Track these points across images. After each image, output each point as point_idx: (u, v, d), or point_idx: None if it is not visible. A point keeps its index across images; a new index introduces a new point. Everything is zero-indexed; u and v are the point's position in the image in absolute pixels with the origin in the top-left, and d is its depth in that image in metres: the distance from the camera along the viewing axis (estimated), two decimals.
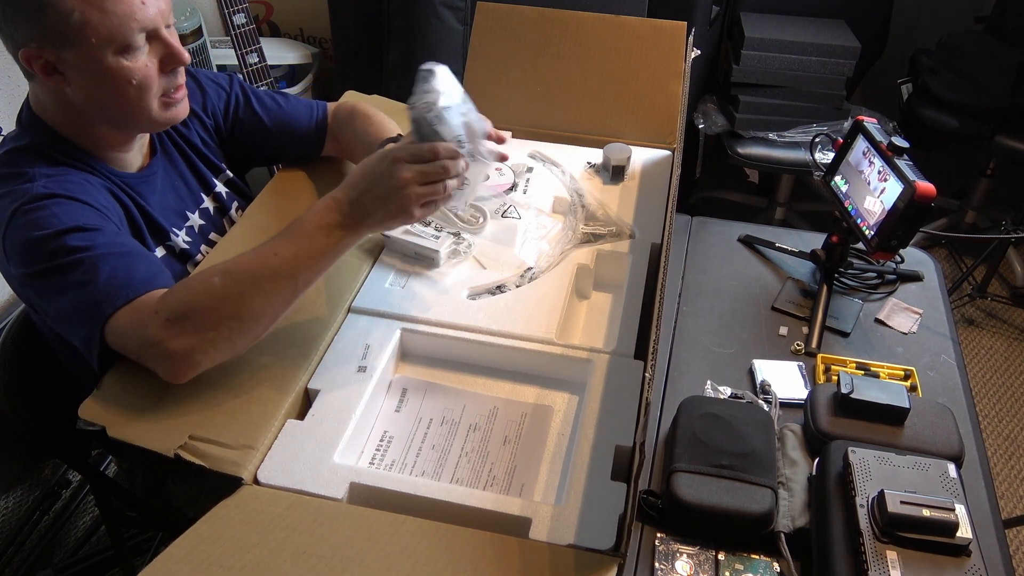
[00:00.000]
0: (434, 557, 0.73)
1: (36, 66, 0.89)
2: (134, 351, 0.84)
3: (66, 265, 0.85)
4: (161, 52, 0.93)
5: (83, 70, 0.89)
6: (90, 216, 0.89)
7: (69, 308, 0.85)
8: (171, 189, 1.09)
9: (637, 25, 1.37)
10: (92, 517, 1.76)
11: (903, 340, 1.15)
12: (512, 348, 0.98)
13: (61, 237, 0.85)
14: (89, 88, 0.91)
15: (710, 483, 0.86)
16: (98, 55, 0.87)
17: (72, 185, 0.92)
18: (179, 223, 1.09)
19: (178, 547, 0.72)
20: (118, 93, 0.91)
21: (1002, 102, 2.17)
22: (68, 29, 0.85)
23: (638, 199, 1.24)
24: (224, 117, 1.19)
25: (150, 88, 0.93)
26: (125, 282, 0.84)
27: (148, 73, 0.92)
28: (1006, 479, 1.94)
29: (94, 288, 0.83)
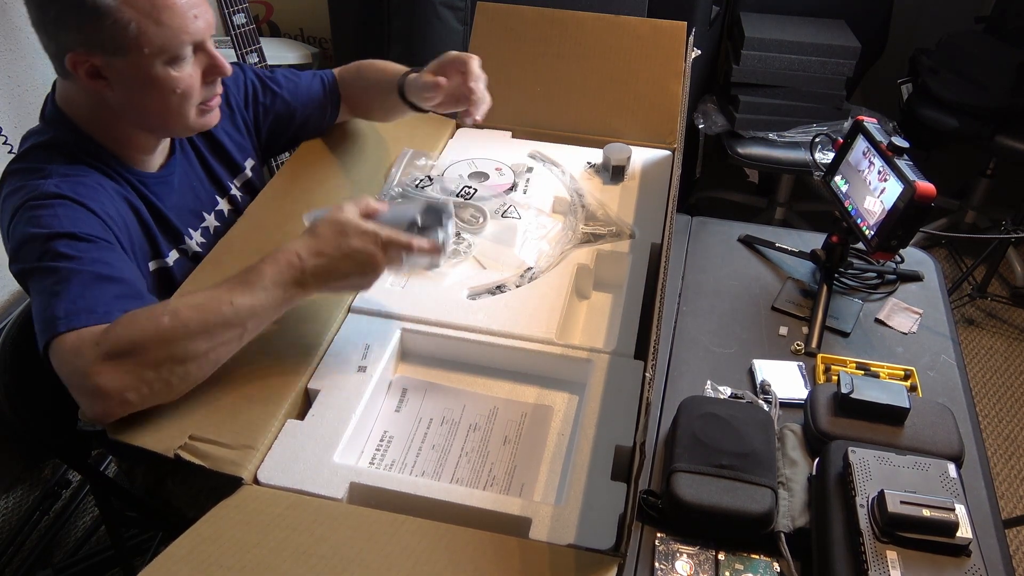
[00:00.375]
0: (434, 557, 0.73)
1: (81, 70, 0.89)
2: (66, 378, 0.80)
3: (47, 270, 0.84)
4: (205, 63, 0.95)
5: (130, 77, 0.90)
6: (91, 225, 0.89)
7: (36, 312, 0.84)
8: (188, 189, 1.09)
9: (637, 25, 1.37)
10: (92, 517, 1.76)
11: (903, 340, 1.15)
12: (512, 348, 0.98)
13: (52, 240, 0.85)
14: (132, 94, 0.92)
15: (710, 483, 0.86)
16: (148, 65, 0.89)
17: (84, 188, 0.92)
18: (195, 223, 1.09)
19: (178, 547, 0.72)
20: (161, 101, 0.93)
21: (1002, 102, 2.17)
22: (124, 39, 0.87)
23: (638, 199, 1.24)
24: (246, 105, 1.20)
25: (191, 97, 0.95)
26: (86, 307, 0.82)
27: (192, 83, 0.94)
28: (1006, 479, 1.94)
29: (58, 301, 0.82)
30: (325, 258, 0.85)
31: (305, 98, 1.24)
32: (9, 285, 1.73)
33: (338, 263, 0.85)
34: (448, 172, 1.25)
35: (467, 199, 1.17)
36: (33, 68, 1.71)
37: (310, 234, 0.86)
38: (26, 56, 1.69)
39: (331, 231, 0.85)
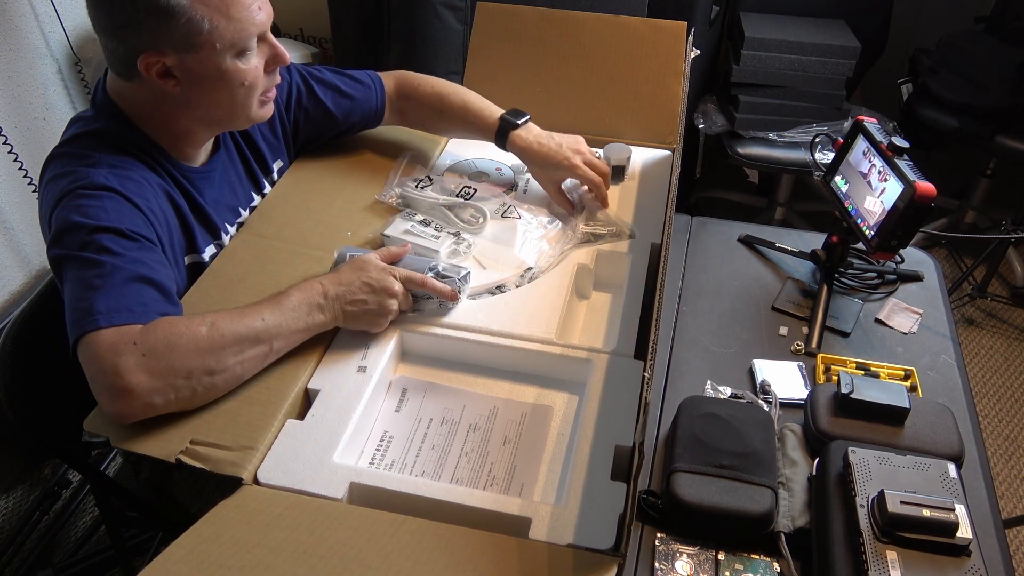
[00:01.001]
0: (434, 557, 0.73)
1: (153, 70, 0.91)
2: (94, 373, 0.81)
3: (88, 261, 0.85)
4: (267, 54, 0.98)
5: (201, 74, 0.92)
6: (136, 222, 0.90)
7: (71, 301, 0.84)
8: (227, 185, 1.10)
9: (637, 25, 1.37)
10: (92, 517, 1.76)
11: (903, 340, 1.15)
12: (512, 348, 0.98)
13: (98, 233, 0.86)
14: (200, 90, 0.94)
15: (710, 483, 0.86)
16: (219, 59, 0.91)
17: (131, 183, 0.93)
18: (232, 219, 1.10)
19: (178, 547, 0.72)
20: (229, 94, 0.95)
21: (1002, 102, 2.17)
22: (197, 36, 0.88)
23: (638, 199, 1.24)
24: (287, 108, 1.20)
25: (256, 88, 0.97)
26: (127, 306, 0.83)
27: (258, 75, 0.96)
28: (1006, 479, 1.94)
29: (98, 295, 0.83)
30: (344, 286, 0.93)
31: (349, 112, 1.23)
32: (9, 285, 1.73)
33: (356, 290, 0.93)
34: (448, 172, 1.25)
35: (467, 199, 1.17)
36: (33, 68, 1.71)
37: (334, 270, 0.97)
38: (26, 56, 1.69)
39: (352, 266, 0.96)
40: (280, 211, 1.15)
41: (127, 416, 0.81)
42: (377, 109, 1.25)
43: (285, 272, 1.03)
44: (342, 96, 1.22)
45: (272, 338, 0.87)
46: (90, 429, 0.83)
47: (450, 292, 0.99)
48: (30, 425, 1.08)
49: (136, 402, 0.80)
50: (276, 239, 1.10)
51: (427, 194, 1.17)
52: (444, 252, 1.09)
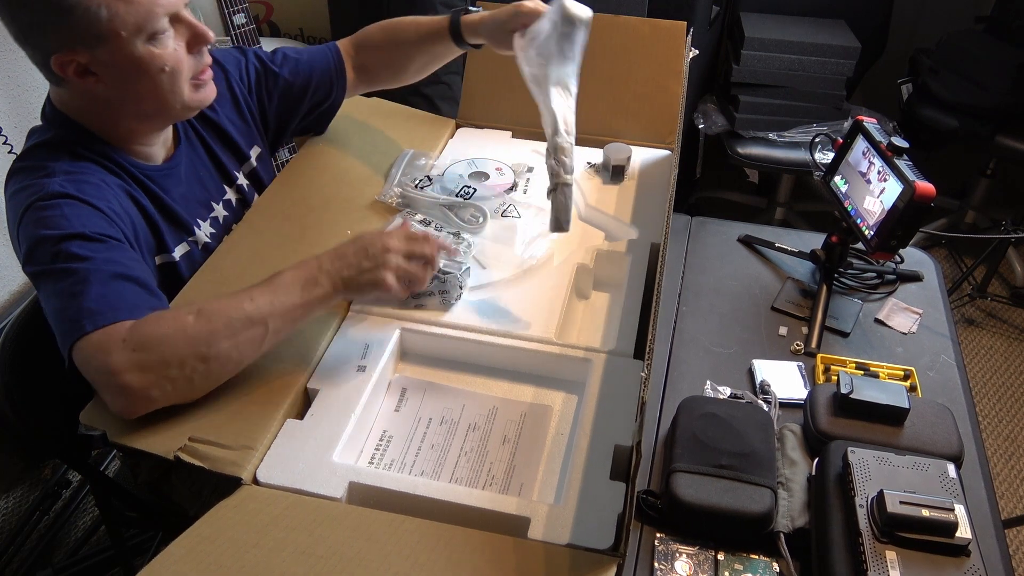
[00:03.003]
0: (433, 557, 0.73)
1: (69, 70, 0.89)
2: (93, 377, 0.81)
3: (61, 272, 0.84)
4: (186, 34, 0.94)
5: (116, 65, 0.90)
6: (98, 224, 0.89)
7: (54, 315, 0.84)
8: (195, 179, 1.09)
9: (637, 25, 1.37)
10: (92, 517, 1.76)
11: (903, 340, 1.15)
12: (511, 348, 0.98)
13: (64, 242, 0.85)
14: (122, 83, 0.92)
15: (710, 483, 0.86)
16: (129, 47, 0.88)
17: (88, 187, 0.92)
18: (203, 213, 1.09)
19: (178, 547, 0.72)
20: (151, 82, 0.92)
21: (1002, 102, 2.17)
22: (98, 26, 0.86)
23: (638, 199, 1.24)
24: (249, 90, 1.19)
25: (181, 72, 0.94)
26: (106, 307, 0.83)
27: (178, 57, 0.93)
28: (1006, 479, 1.94)
29: (79, 304, 0.82)
30: (340, 256, 0.89)
31: (308, 77, 1.22)
32: (9, 285, 1.73)
33: (351, 256, 0.89)
34: (448, 172, 1.25)
35: (467, 199, 1.17)
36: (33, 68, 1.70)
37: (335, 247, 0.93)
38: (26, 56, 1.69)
39: (349, 239, 0.92)
40: (280, 208, 1.15)
41: (130, 412, 0.81)
42: (335, 66, 1.23)
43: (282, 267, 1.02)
44: (297, 64, 1.22)
45: (266, 318, 0.84)
46: (86, 422, 0.83)
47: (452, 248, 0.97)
48: (30, 425, 1.08)
49: (135, 398, 0.80)
50: (275, 236, 1.10)
51: (427, 194, 1.17)
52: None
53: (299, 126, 1.27)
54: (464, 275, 1.03)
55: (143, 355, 0.79)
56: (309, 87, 1.22)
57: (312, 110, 1.25)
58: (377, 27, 1.26)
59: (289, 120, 1.24)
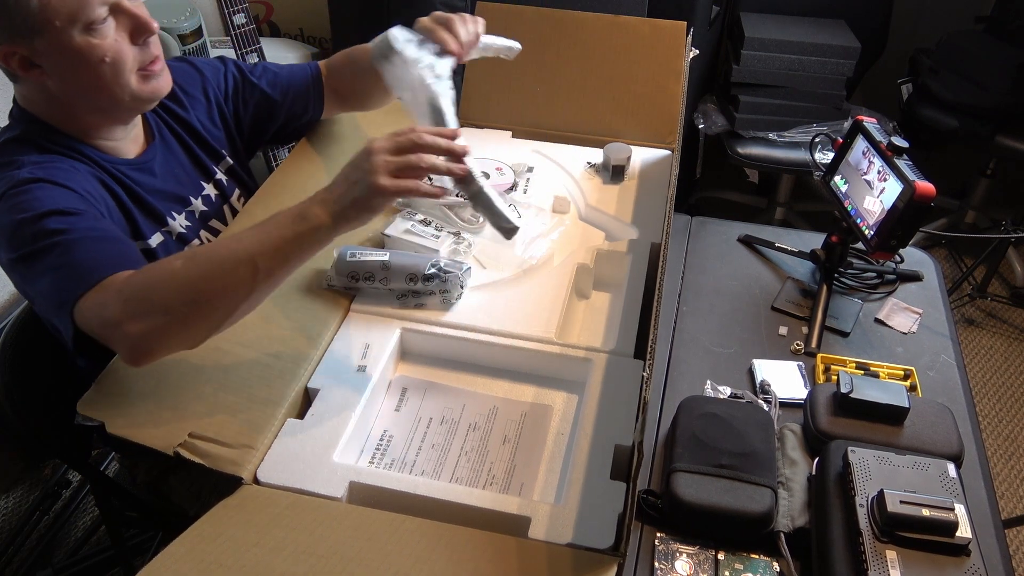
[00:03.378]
0: (433, 556, 0.73)
1: (13, 63, 0.89)
2: (98, 332, 0.82)
3: (44, 248, 0.85)
4: (129, 25, 0.92)
5: (56, 57, 0.89)
6: (71, 200, 0.89)
7: (46, 291, 0.85)
8: (171, 175, 1.09)
9: (637, 25, 1.37)
10: (92, 517, 1.76)
11: (903, 340, 1.15)
12: (512, 347, 0.98)
13: (41, 220, 0.85)
14: (66, 75, 0.91)
15: (710, 483, 0.86)
16: (65, 38, 0.88)
17: (58, 171, 0.92)
18: (178, 207, 1.09)
19: (178, 546, 0.72)
20: (93, 74, 0.91)
21: (1002, 102, 2.17)
22: (31, 17, 0.85)
23: (638, 199, 1.24)
24: (225, 98, 1.19)
25: (124, 63, 0.92)
26: (95, 265, 0.83)
27: (119, 48, 0.91)
28: (1006, 479, 1.94)
29: (67, 271, 0.83)
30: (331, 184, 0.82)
31: (287, 88, 1.22)
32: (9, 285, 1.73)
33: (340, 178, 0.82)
34: None
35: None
36: None
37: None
38: None
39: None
40: (279, 201, 1.15)
41: (137, 361, 0.81)
42: (313, 84, 1.23)
43: None
44: (276, 77, 1.22)
45: (255, 255, 0.79)
46: (83, 411, 0.83)
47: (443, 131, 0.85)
48: (30, 425, 1.08)
49: (137, 346, 0.79)
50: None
51: None
52: (444, 251, 1.09)
53: (274, 137, 1.27)
54: (464, 275, 1.03)
55: (136, 304, 0.79)
56: (286, 101, 1.23)
57: (288, 123, 1.25)
58: (342, 54, 1.27)
59: (264, 130, 1.25)
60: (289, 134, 1.28)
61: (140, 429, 0.82)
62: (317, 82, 1.25)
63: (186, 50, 1.99)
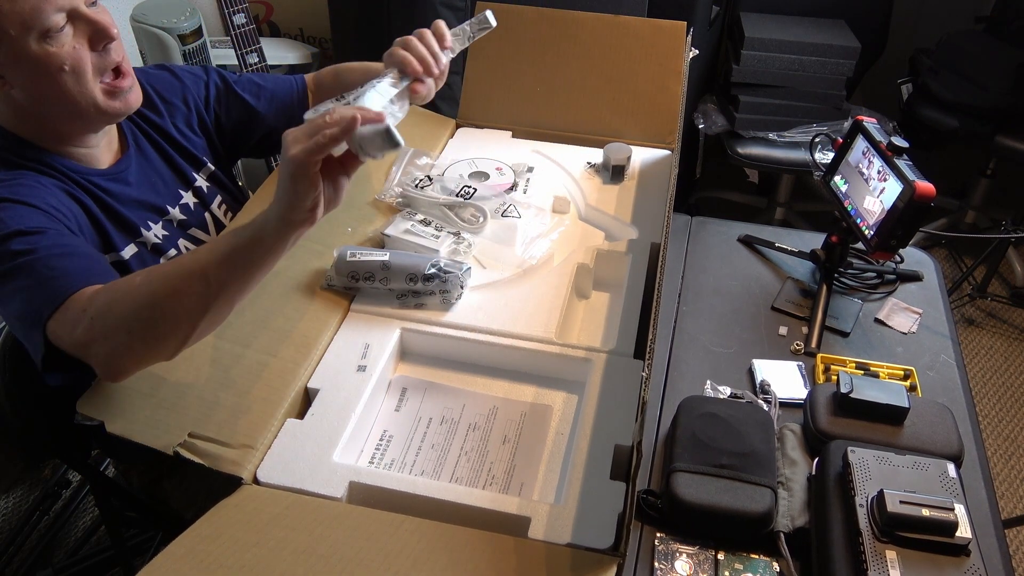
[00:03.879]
0: (433, 556, 0.73)
1: None
2: (70, 352, 0.81)
3: (10, 271, 0.84)
4: (87, 31, 0.90)
5: (14, 67, 0.88)
6: (35, 218, 0.88)
7: (16, 312, 0.84)
8: (147, 184, 1.08)
9: (637, 25, 1.37)
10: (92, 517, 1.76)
11: (903, 340, 1.15)
12: (511, 347, 0.98)
13: (5, 242, 0.85)
14: (27, 84, 0.90)
15: (710, 483, 0.86)
16: (21, 46, 0.86)
17: (22, 188, 0.91)
18: (155, 217, 1.08)
19: (178, 546, 0.72)
20: (53, 83, 0.90)
21: (1002, 102, 2.17)
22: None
23: (638, 199, 1.24)
24: (206, 106, 1.18)
25: (84, 71, 0.91)
26: (62, 282, 0.82)
27: (78, 55, 0.90)
28: (1006, 479, 1.94)
29: (34, 292, 0.82)
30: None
31: (271, 101, 1.22)
32: None
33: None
34: (448, 172, 1.25)
35: (467, 199, 1.17)
36: None
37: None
38: None
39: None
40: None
41: (113, 378, 0.81)
42: (298, 97, 1.24)
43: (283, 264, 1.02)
44: (260, 88, 1.22)
45: (205, 269, 0.76)
46: (83, 411, 0.83)
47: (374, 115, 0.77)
48: (30, 425, 1.08)
49: (109, 364, 0.79)
50: None
51: (427, 193, 1.17)
52: (444, 251, 1.09)
53: (258, 147, 1.27)
54: (464, 275, 1.03)
55: (99, 322, 0.78)
56: (270, 112, 1.23)
57: (271, 134, 1.25)
58: (330, 70, 1.27)
59: (246, 140, 1.24)
60: (272, 145, 1.27)
61: (139, 429, 0.82)
62: (303, 95, 1.25)
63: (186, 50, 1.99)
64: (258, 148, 1.27)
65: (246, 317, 0.96)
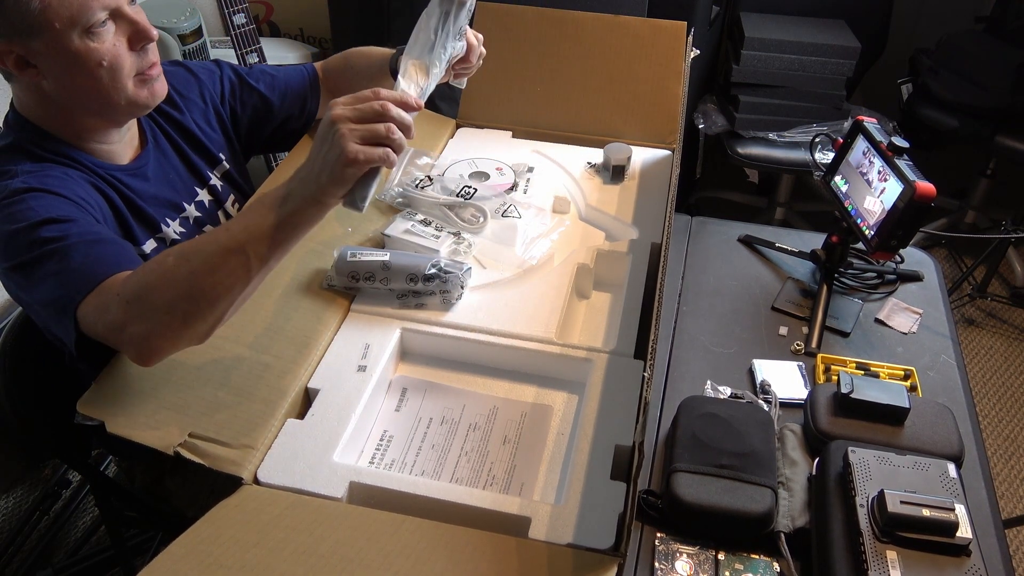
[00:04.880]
0: (434, 557, 0.73)
1: (8, 62, 0.89)
2: (103, 336, 0.81)
3: (41, 256, 0.85)
4: (128, 30, 0.92)
5: (52, 58, 0.89)
6: (65, 208, 0.89)
7: (46, 299, 0.85)
8: (165, 181, 1.08)
9: (637, 25, 1.37)
10: (92, 517, 1.76)
11: (903, 340, 1.15)
12: (512, 347, 0.98)
13: (36, 229, 0.85)
14: (62, 77, 0.91)
15: (710, 483, 0.86)
16: (64, 40, 0.87)
17: (51, 179, 0.92)
18: (172, 214, 1.08)
19: (178, 546, 0.72)
20: (89, 77, 0.91)
21: (1002, 102, 2.17)
22: (30, 17, 0.85)
23: (638, 199, 1.24)
24: (222, 100, 1.19)
25: (121, 68, 0.92)
26: (93, 268, 0.83)
27: (117, 53, 0.91)
28: (1006, 479, 1.94)
29: (66, 277, 0.83)
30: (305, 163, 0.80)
31: (283, 92, 1.23)
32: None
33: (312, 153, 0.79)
34: (448, 172, 1.25)
35: (467, 199, 1.17)
36: None
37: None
38: None
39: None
40: None
41: (146, 362, 0.81)
42: (309, 85, 1.25)
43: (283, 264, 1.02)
44: (274, 79, 1.23)
45: (245, 244, 0.78)
46: (83, 411, 0.83)
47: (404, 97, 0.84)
48: (30, 425, 1.08)
49: (143, 348, 0.79)
50: None
51: (427, 194, 1.17)
52: (444, 252, 1.09)
53: (270, 140, 1.27)
54: (465, 275, 1.03)
55: (136, 305, 0.78)
56: (284, 102, 1.24)
57: (284, 124, 1.25)
58: (339, 56, 1.28)
59: (261, 132, 1.25)
60: (285, 136, 1.28)
61: (140, 429, 0.82)
62: (314, 83, 1.26)
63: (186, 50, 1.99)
64: (270, 141, 1.28)
65: (247, 317, 0.96)
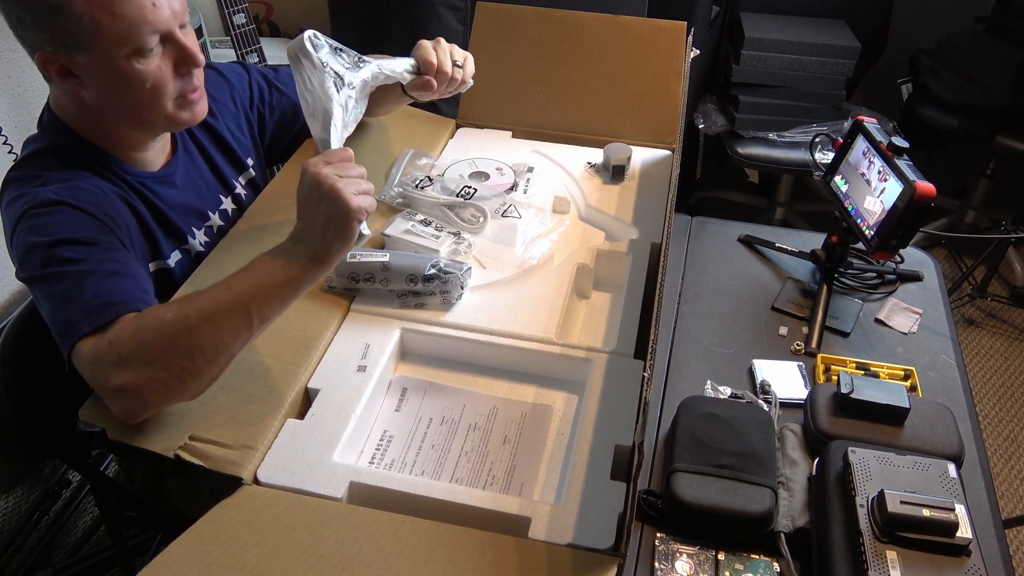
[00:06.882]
0: (434, 557, 0.73)
1: (51, 70, 0.89)
2: (90, 382, 0.81)
3: (55, 276, 0.84)
4: (175, 55, 0.92)
5: (97, 73, 0.89)
6: (91, 228, 0.89)
7: (51, 318, 0.85)
8: (191, 188, 1.08)
9: (637, 25, 1.37)
10: (92, 517, 1.76)
11: (903, 340, 1.15)
12: (512, 347, 0.98)
13: (56, 247, 0.85)
14: (104, 91, 0.91)
15: (710, 483, 0.86)
16: (111, 58, 0.87)
17: (82, 193, 0.91)
18: (198, 223, 1.08)
19: (178, 546, 0.72)
20: (132, 95, 0.91)
21: (1002, 102, 2.17)
22: (80, 33, 0.85)
23: (638, 199, 1.24)
24: (251, 104, 1.19)
25: (164, 91, 0.92)
26: (103, 306, 0.82)
27: (162, 76, 0.91)
28: (1006, 479, 1.94)
29: (75, 307, 0.82)
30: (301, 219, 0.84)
31: None
32: (9, 285, 1.73)
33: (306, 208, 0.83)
34: (448, 172, 1.25)
35: (467, 199, 1.17)
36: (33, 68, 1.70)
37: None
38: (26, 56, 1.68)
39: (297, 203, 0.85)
40: (279, 204, 1.15)
41: (131, 417, 0.81)
42: None
43: None
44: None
45: (248, 303, 0.80)
46: (86, 418, 0.83)
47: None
48: (30, 425, 1.08)
49: (131, 402, 0.79)
50: (276, 233, 1.09)
51: (427, 194, 1.17)
52: (444, 252, 1.09)
53: (291, 146, 1.27)
54: (465, 275, 1.03)
55: (129, 358, 0.78)
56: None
57: (304, 130, 1.25)
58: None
59: (282, 138, 1.25)
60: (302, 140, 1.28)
61: (141, 434, 0.82)
62: None
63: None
64: (291, 148, 1.27)
65: None
